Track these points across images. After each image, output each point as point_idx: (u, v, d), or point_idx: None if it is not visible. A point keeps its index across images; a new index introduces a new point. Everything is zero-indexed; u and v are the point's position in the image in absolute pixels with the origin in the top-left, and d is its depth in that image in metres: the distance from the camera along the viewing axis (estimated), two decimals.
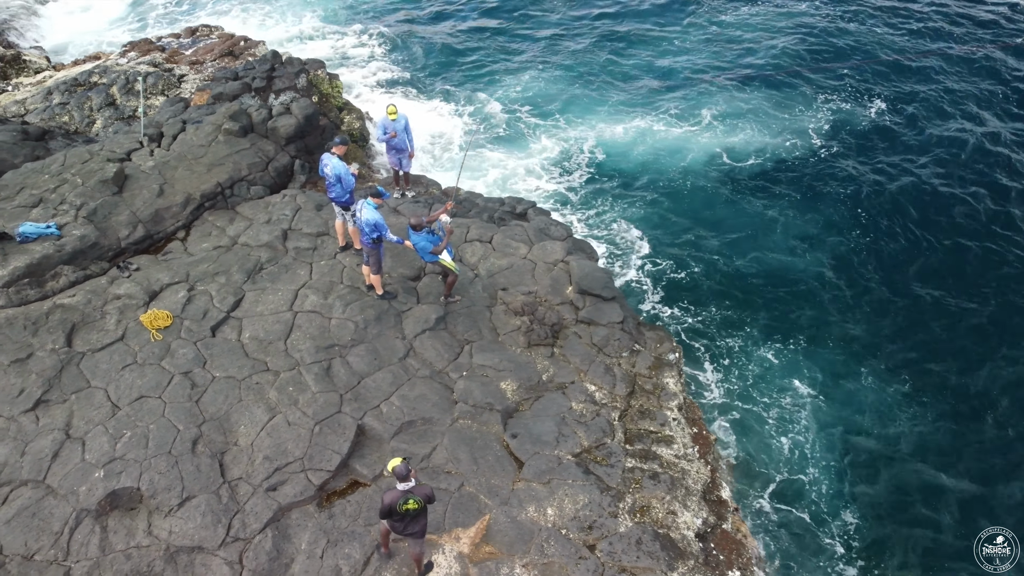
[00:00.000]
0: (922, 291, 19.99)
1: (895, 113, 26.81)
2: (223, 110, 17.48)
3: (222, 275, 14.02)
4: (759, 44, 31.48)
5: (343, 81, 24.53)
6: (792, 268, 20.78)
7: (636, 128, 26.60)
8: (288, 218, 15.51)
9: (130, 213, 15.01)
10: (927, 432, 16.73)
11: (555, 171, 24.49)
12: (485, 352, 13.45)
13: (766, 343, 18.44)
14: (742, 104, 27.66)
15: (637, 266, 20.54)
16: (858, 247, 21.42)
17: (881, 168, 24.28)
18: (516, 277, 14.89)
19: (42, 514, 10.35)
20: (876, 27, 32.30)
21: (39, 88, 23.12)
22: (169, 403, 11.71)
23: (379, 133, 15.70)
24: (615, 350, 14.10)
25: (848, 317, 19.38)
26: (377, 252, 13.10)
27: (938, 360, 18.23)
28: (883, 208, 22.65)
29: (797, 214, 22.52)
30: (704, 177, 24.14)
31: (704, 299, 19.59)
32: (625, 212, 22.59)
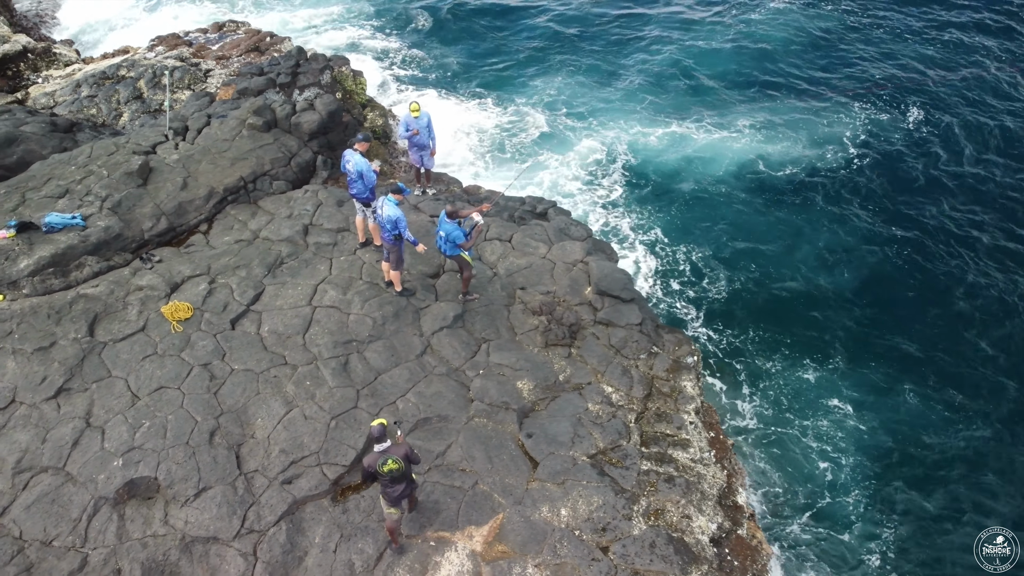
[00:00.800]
0: (962, 306, 19.68)
1: (931, 126, 26.34)
2: (247, 105, 17.61)
3: (243, 269, 14.12)
4: (788, 50, 31.09)
5: (366, 78, 24.64)
6: (828, 281, 20.50)
7: (670, 134, 26.38)
8: (309, 213, 15.59)
9: (154, 205, 15.16)
10: (966, 447, 16.52)
11: (589, 173, 24.41)
12: (502, 351, 13.44)
13: (801, 358, 18.23)
14: (775, 113, 27.32)
15: (669, 274, 20.42)
16: (895, 261, 21.06)
17: (917, 181, 23.88)
18: (535, 276, 14.86)
19: (61, 501, 10.48)
20: (911, 38, 31.81)
21: (68, 81, 23.42)
22: (188, 394, 11.81)
23: (401, 130, 15.74)
24: (633, 352, 14.04)
25: (886, 333, 19.05)
26: (398, 248, 13.13)
27: (978, 375, 17.95)
28: (919, 221, 22.28)
29: (833, 226, 22.17)
30: (738, 186, 23.86)
31: (737, 312, 19.42)
32: (657, 218, 22.41)
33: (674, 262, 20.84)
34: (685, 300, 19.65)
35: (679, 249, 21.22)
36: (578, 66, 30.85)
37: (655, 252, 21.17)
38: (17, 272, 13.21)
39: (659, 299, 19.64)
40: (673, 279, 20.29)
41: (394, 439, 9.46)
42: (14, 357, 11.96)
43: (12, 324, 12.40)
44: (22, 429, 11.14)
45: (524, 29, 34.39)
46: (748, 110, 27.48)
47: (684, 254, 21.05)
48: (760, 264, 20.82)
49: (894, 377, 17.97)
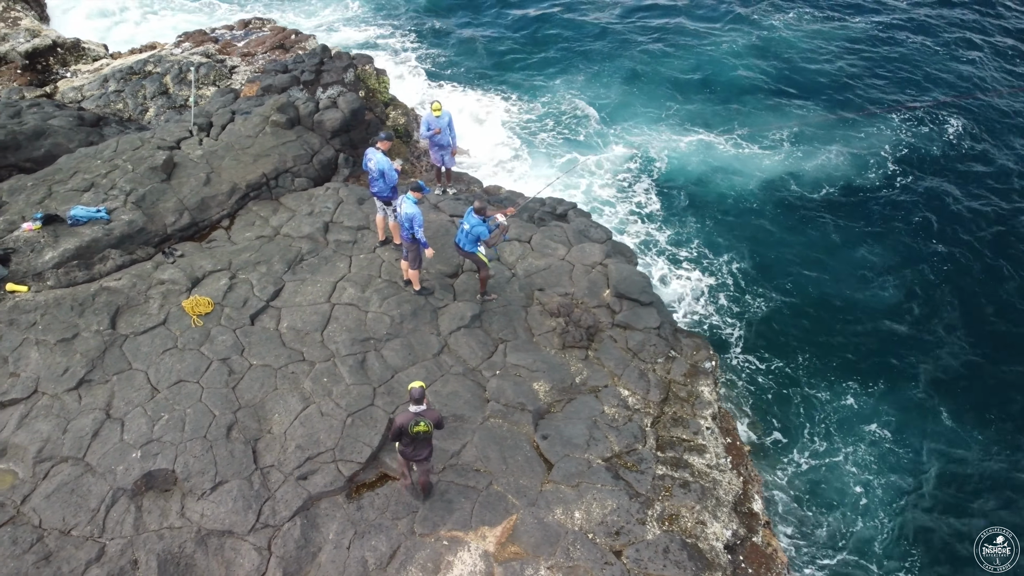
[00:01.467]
0: (1005, 328, 19.27)
1: (973, 140, 25.81)
2: (271, 102, 17.74)
3: (263, 264, 14.22)
4: (815, 62, 30.70)
5: (389, 75, 24.76)
6: (863, 300, 20.13)
7: (699, 143, 26.13)
8: (330, 211, 15.68)
9: (177, 200, 15.31)
10: (1003, 472, 16.29)
11: (622, 181, 24.29)
12: (519, 352, 13.44)
13: (835, 377, 17.93)
14: (806, 125, 26.96)
15: (704, 289, 20.29)
16: (935, 282, 20.57)
17: (958, 199, 23.33)
18: (553, 278, 14.85)
19: (80, 491, 10.59)
20: (943, 51, 31.33)
21: (96, 76, 23.71)
22: (206, 388, 11.91)
23: (423, 130, 15.78)
24: (650, 356, 13.99)
25: (923, 354, 18.66)
26: (416, 247, 13.16)
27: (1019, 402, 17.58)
28: (962, 241, 21.78)
29: (870, 244, 21.77)
30: (770, 200, 23.49)
31: (773, 329, 19.13)
32: (691, 231, 22.22)
33: (710, 276, 20.64)
34: (718, 314, 19.41)
35: (715, 263, 21.00)
36: (600, 69, 30.74)
37: (692, 265, 21.01)
38: (42, 264, 13.39)
39: (692, 312, 19.50)
40: (709, 293, 20.06)
41: (429, 404, 10.08)
42: (38, 348, 12.12)
43: (36, 315, 12.57)
44: (44, 419, 11.28)
45: (544, 29, 34.33)
46: (777, 121, 27.13)
47: (720, 268, 20.83)
48: (794, 283, 20.45)
49: (930, 399, 17.64)
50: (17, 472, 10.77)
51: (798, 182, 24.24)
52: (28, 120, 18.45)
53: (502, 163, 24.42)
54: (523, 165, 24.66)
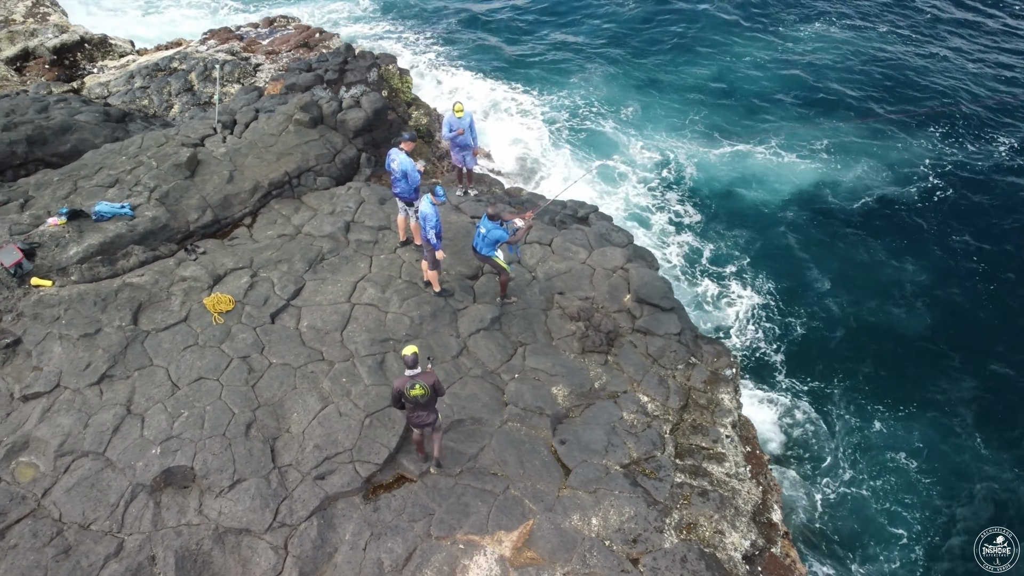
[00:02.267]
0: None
1: (1017, 154, 25.33)
2: (295, 101, 17.79)
3: (284, 263, 14.26)
4: (844, 70, 30.31)
5: (412, 75, 24.78)
6: (901, 321, 19.87)
7: (730, 152, 25.97)
8: (351, 210, 15.70)
9: (200, 198, 15.39)
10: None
11: (656, 190, 24.24)
12: (538, 356, 13.38)
13: (867, 396, 17.81)
14: (840, 135, 26.60)
15: (728, 302, 20.21)
16: (976, 302, 20.21)
17: (1001, 217, 22.85)
18: (574, 282, 14.77)
19: (100, 485, 10.66)
20: (975, 57, 30.83)
21: (122, 72, 23.92)
22: (226, 386, 11.95)
23: (445, 131, 15.77)
24: (670, 362, 13.87)
25: (960, 375, 18.39)
26: (433, 249, 13.14)
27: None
28: (1005, 260, 21.34)
29: (906, 261, 21.46)
30: (806, 213, 23.23)
31: (801, 350, 19.02)
32: (725, 243, 22.14)
33: (752, 293, 20.55)
34: (757, 332, 19.33)
35: (753, 279, 20.89)
36: (619, 73, 30.65)
37: (736, 282, 20.93)
38: (67, 259, 13.50)
39: (742, 331, 19.45)
40: (751, 312, 19.99)
41: (423, 368, 10.39)
42: (61, 342, 12.21)
43: (60, 310, 12.67)
44: (65, 413, 11.36)
45: (562, 31, 34.24)
46: (810, 131, 26.85)
47: (759, 285, 20.72)
48: (828, 299, 20.29)
49: (963, 423, 17.43)
50: (39, 465, 10.86)
51: (834, 194, 23.92)
52: (55, 115, 18.64)
53: (523, 164, 24.39)
54: (544, 167, 24.63)
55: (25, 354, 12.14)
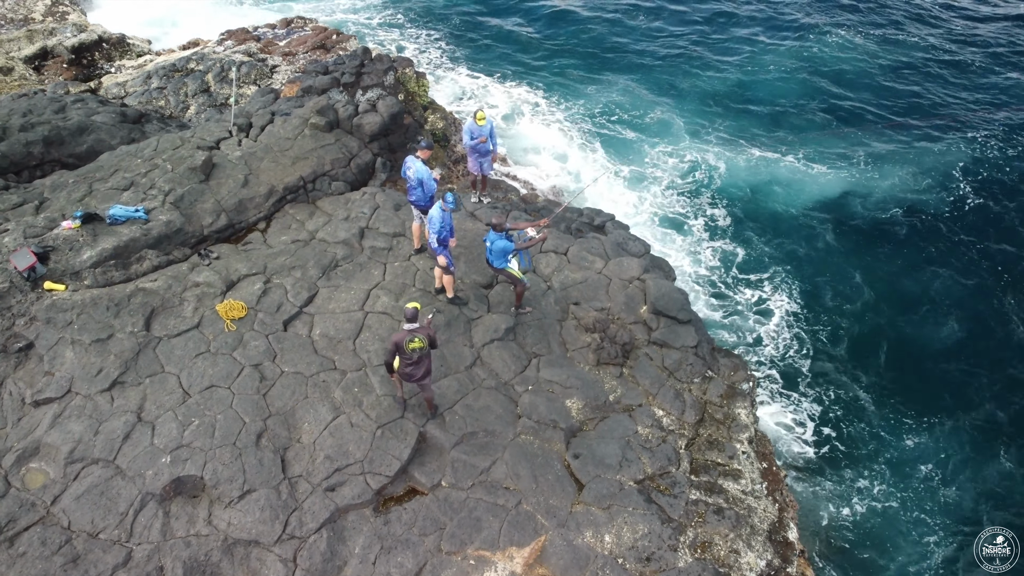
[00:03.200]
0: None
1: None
2: (311, 104, 17.69)
3: (298, 269, 14.15)
4: (868, 77, 29.89)
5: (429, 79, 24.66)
6: (928, 332, 19.65)
7: (757, 159, 25.73)
8: (366, 216, 15.57)
9: (215, 202, 15.31)
10: None
11: (673, 191, 24.07)
12: (553, 367, 13.20)
13: (890, 414, 17.66)
14: (867, 143, 26.27)
15: (757, 309, 20.05)
16: (1009, 316, 19.85)
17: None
18: (590, 292, 14.58)
19: (110, 493, 10.58)
20: (1004, 64, 30.34)
21: (140, 72, 23.93)
22: (238, 394, 11.85)
23: (466, 138, 15.62)
24: (687, 375, 13.67)
25: (987, 391, 18.15)
26: (446, 253, 12.98)
27: None
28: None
29: (937, 274, 21.17)
30: (835, 222, 23.00)
31: (825, 359, 18.87)
32: (747, 247, 22.03)
33: (786, 302, 20.43)
34: (781, 335, 19.17)
35: (786, 289, 20.76)
36: (642, 79, 30.38)
37: (769, 290, 20.83)
38: (80, 263, 13.44)
39: (751, 331, 19.30)
40: (783, 322, 19.83)
41: (422, 323, 10.99)
42: (73, 347, 12.15)
43: (72, 315, 12.61)
44: (76, 419, 11.29)
45: (577, 35, 34.01)
46: (836, 139, 26.53)
47: (791, 294, 20.59)
48: (858, 310, 20.11)
49: (990, 441, 17.26)
50: (48, 472, 10.80)
51: (864, 203, 23.63)
52: (72, 116, 18.66)
53: (542, 170, 24.24)
54: (565, 173, 24.47)
55: (37, 359, 12.09)
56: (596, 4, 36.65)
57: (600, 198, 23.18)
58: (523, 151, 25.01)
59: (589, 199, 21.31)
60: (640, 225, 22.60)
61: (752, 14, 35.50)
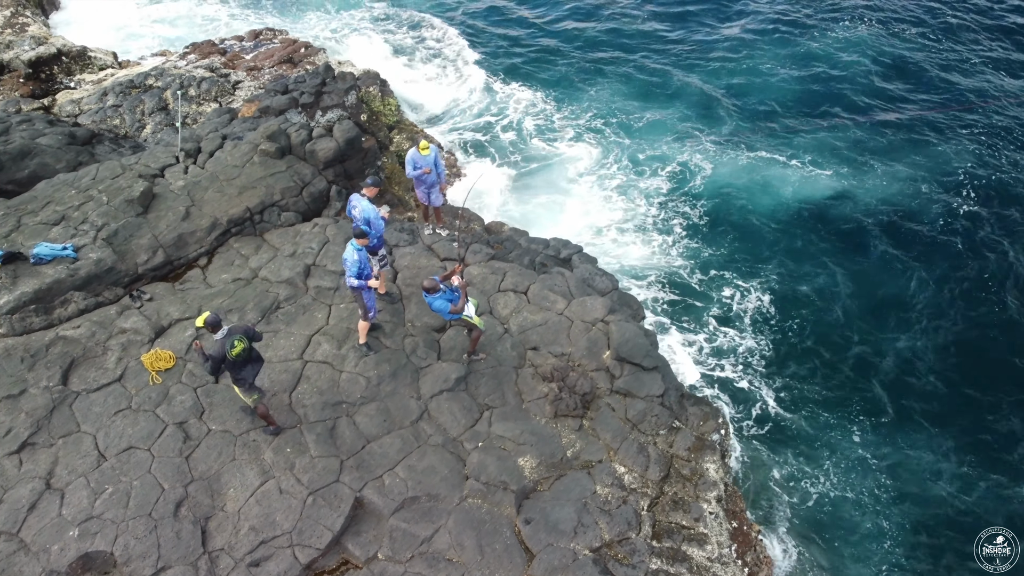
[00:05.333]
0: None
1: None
2: (261, 130, 16.72)
3: (236, 313, 13.19)
4: (865, 76, 28.84)
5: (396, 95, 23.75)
6: (930, 338, 19.01)
7: (749, 160, 24.85)
8: (314, 252, 14.60)
9: (152, 237, 14.34)
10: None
11: (656, 197, 23.31)
12: (506, 421, 12.25)
13: (895, 420, 17.25)
14: (863, 144, 25.41)
15: (738, 318, 19.32)
16: (991, 325, 19.24)
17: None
18: (550, 335, 13.62)
19: (11, 571, 9.66)
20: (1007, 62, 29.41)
21: (96, 88, 22.94)
22: (158, 457, 10.91)
23: (409, 169, 14.59)
24: (652, 427, 12.73)
25: (996, 399, 17.61)
26: (361, 296, 12.00)
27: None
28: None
29: (928, 280, 20.40)
30: (827, 226, 22.23)
31: (806, 370, 18.19)
32: (733, 254, 21.31)
33: (754, 304, 19.81)
34: (752, 357, 18.39)
35: (763, 293, 20.11)
36: (628, 81, 29.35)
37: (738, 293, 20.14)
38: None
39: (730, 344, 18.65)
40: (751, 322, 19.25)
41: (228, 325, 10.24)
42: None
43: None
44: None
45: (565, 38, 33.07)
46: (831, 139, 25.68)
47: (766, 298, 19.93)
48: (837, 324, 19.40)
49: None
50: None
51: (858, 206, 22.86)
52: (15, 139, 17.67)
53: (506, 190, 23.39)
54: (535, 187, 23.64)
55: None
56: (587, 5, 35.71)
57: (586, 208, 22.68)
58: (487, 168, 24.12)
59: (550, 231, 20.29)
60: (627, 232, 22.01)
61: (747, 13, 34.52)
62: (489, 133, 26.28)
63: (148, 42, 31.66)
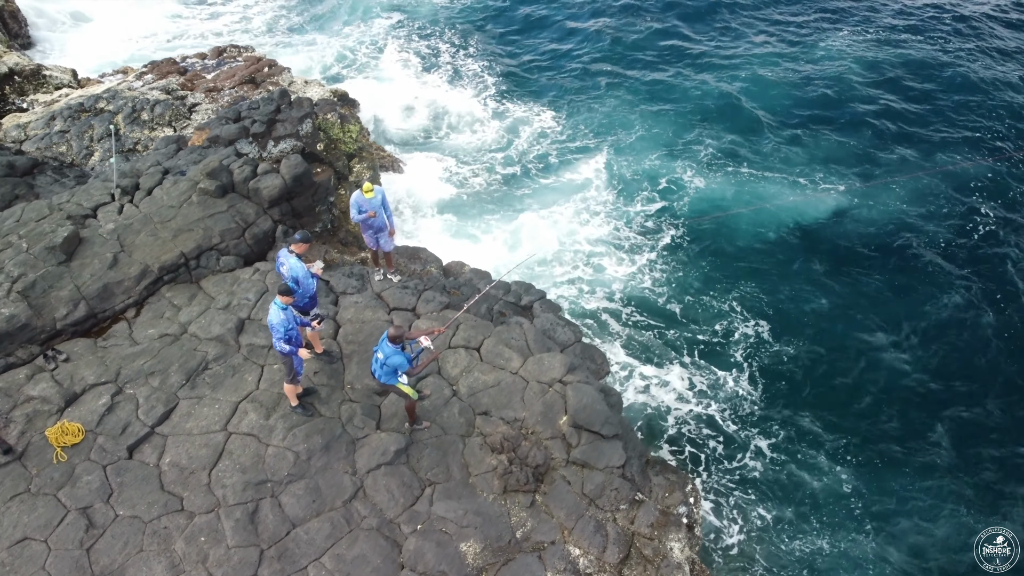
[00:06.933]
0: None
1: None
2: (201, 166, 15.59)
3: (158, 375, 12.08)
4: (868, 89, 27.66)
5: (363, 118, 22.68)
6: (929, 343, 18.49)
7: (740, 180, 23.77)
8: (250, 304, 13.49)
9: (74, 288, 13.23)
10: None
11: (638, 219, 22.36)
12: (449, 499, 11.16)
13: (893, 422, 16.90)
14: (869, 163, 24.31)
15: (723, 350, 18.33)
16: (999, 351, 18.37)
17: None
18: (502, 398, 12.51)
19: None
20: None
21: (46, 111, 21.80)
22: (55, 549, 9.81)
23: (354, 213, 13.46)
24: (611, 502, 11.64)
25: (995, 401, 17.14)
26: (290, 359, 10.93)
27: None
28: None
29: (936, 310, 19.41)
30: (822, 252, 21.16)
31: (794, 407, 17.24)
32: (718, 282, 20.30)
33: (741, 333, 18.85)
34: (735, 395, 17.39)
35: (749, 322, 19.10)
36: (619, 96, 28.22)
37: (724, 322, 19.12)
38: None
39: (713, 377, 17.77)
40: (740, 354, 18.30)
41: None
42: None
43: None
44: None
45: (554, 50, 32.02)
46: (830, 153, 24.65)
47: (754, 328, 18.96)
48: (835, 346, 18.57)
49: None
50: None
51: (854, 225, 21.89)
52: None
53: (480, 209, 22.35)
54: (506, 210, 22.58)
55: None
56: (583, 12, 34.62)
57: (572, 227, 21.99)
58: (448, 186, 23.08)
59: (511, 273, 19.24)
60: (609, 254, 21.08)
61: (752, 20, 33.38)
62: (473, 154, 25.30)
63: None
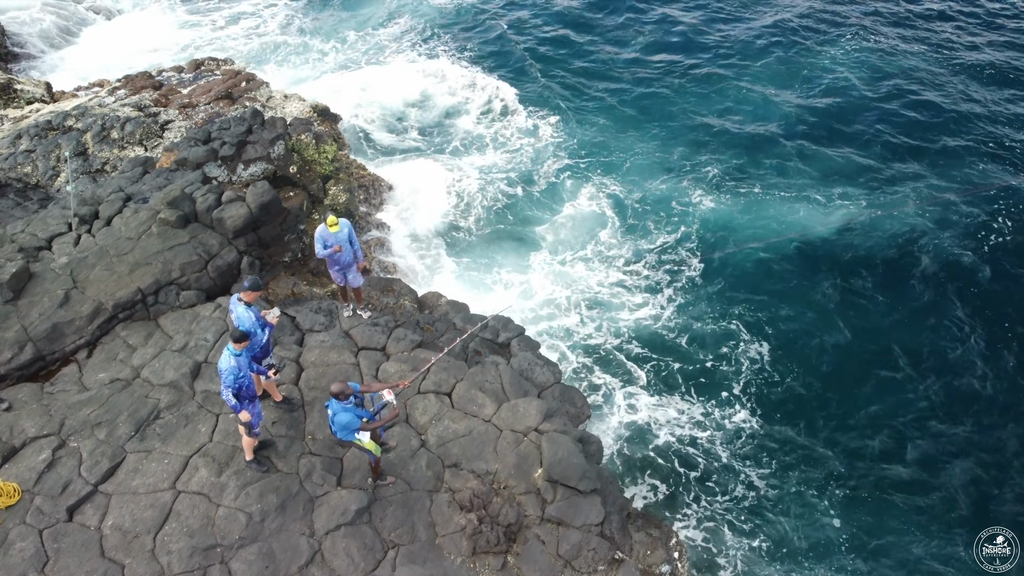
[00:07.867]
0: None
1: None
2: (160, 195, 14.84)
3: (105, 426, 11.31)
4: (871, 101, 26.73)
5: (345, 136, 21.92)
6: (929, 348, 18.11)
7: (744, 200, 22.95)
8: (207, 345, 12.72)
9: (20, 328, 12.46)
10: None
11: (634, 243, 21.51)
12: (414, 563, 10.40)
13: (892, 423, 16.55)
14: (882, 173, 23.59)
15: (712, 385, 17.54)
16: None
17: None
18: (474, 449, 11.75)
19: None
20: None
21: (13, 129, 21.03)
22: None
23: (319, 248, 12.67)
24: (588, 563, 10.88)
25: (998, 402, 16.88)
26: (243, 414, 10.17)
27: None
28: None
29: (940, 333, 18.74)
30: (831, 277, 20.25)
31: (796, 441, 16.46)
32: (718, 308, 19.46)
33: (740, 361, 18.08)
34: (736, 429, 16.57)
35: (751, 348, 18.33)
36: (616, 113, 27.31)
37: (723, 346, 18.33)
38: None
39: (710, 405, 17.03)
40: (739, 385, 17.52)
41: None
42: None
43: None
44: None
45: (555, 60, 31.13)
46: (838, 169, 23.83)
47: (755, 356, 18.16)
48: (843, 378, 17.83)
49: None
50: None
51: (863, 242, 21.12)
52: None
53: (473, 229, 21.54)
54: (499, 232, 21.72)
55: None
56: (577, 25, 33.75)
57: (566, 248, 21.14)
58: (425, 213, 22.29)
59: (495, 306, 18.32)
60: (609, 277, 20.29)
61: (755, 33, 32.53)
62: (467, 170, 24.49)
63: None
